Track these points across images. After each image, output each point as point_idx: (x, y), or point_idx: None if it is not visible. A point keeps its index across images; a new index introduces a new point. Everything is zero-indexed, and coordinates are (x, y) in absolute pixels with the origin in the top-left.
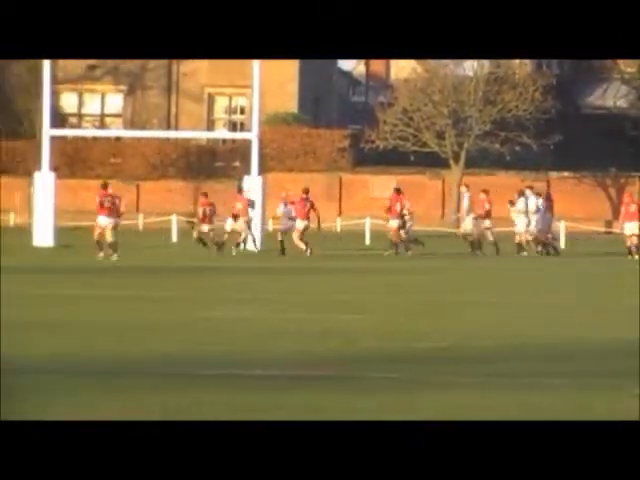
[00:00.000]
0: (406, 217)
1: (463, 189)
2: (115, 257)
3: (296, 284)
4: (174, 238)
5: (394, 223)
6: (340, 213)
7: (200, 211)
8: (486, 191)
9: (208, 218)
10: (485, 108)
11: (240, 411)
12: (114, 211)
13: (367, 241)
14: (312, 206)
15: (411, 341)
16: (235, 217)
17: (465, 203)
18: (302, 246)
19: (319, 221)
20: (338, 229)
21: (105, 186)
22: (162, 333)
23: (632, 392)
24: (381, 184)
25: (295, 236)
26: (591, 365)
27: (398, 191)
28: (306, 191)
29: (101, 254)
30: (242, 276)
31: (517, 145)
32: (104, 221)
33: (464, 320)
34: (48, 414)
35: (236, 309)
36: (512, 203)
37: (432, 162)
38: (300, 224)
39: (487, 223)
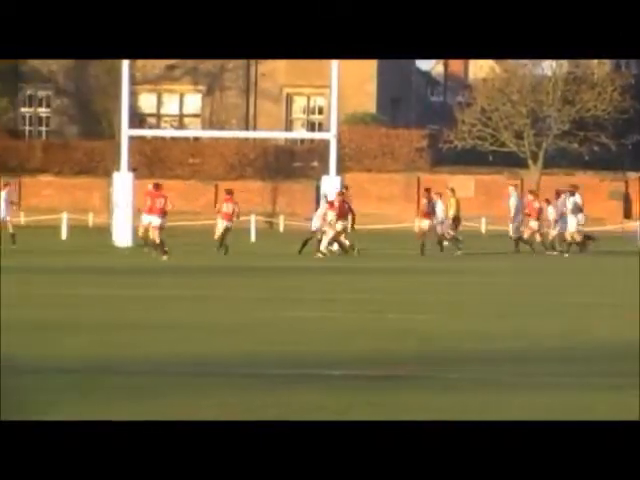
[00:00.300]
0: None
1: (511, 189)
2: (165, 257)
3: (371, 284)
4: (252, 238)
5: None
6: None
7: (223, 207)
8: (533, 192)
9: (231, 216)
10: (564, 108)
11: (320, 411)
12: (164, 211)
13: (445, 241)
14: (350, 207)
15: (486, 341)
16: (339, 217)
17: (512, 203)
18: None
19: (354, 222)
20: (416, 229)
21: (157, 186)
22: (242, 333)
23: None
24: (460, 184)
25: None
26: None
27: (427, 190)
28: (341, 193)
29: (165, 257)
30: (321, 276)
31: (595, 145)
32: (156, 221)
33: (541, 320)
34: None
35: (313, 309)
36: (548, 202)
37: (510, 162)
38: (339, 225)
39: (534, 225)
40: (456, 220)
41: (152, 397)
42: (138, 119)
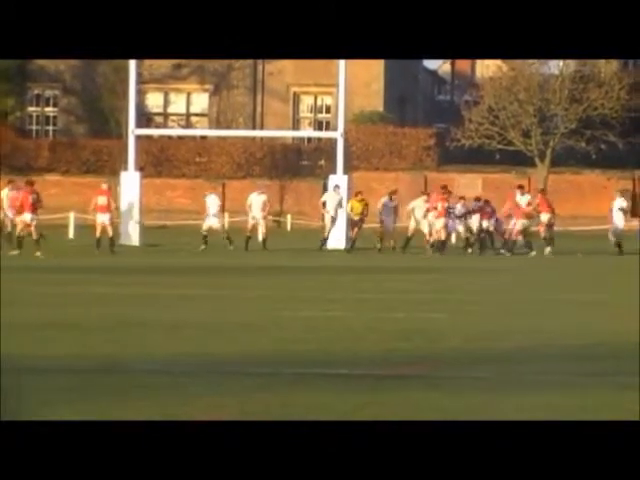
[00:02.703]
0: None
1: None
2: (15, 252)
3: (380, 283)
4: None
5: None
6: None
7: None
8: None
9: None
10: (571, 106)
11: (324, 411)
12: (37, 208)
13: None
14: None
15: (495, 340)
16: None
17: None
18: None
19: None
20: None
21: (31, 183)
22: (249, 332)
23: None
24: (467, 183)
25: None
26: None
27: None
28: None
29: (15, 252)
30: (328, 275)
31: (603, 144)
32: (28, 217)
33: (551, 319)
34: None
35: (322, 308)
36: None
37: (518, 161)
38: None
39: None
40: (359, 223)
41: (159, 396)
42: (145, 118)
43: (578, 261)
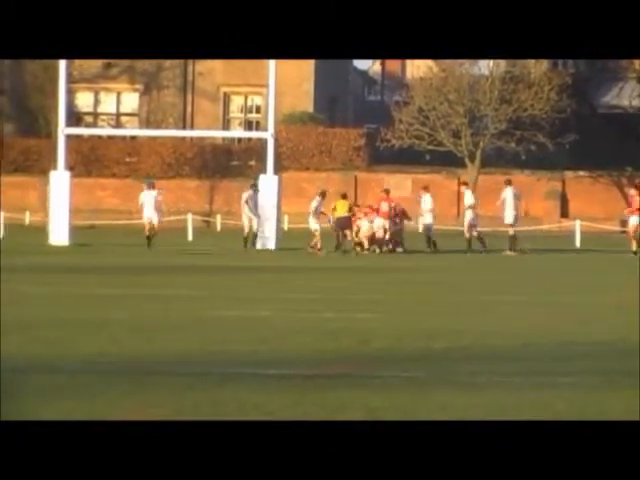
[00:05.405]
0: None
1: (463, 188)
2: None
3: (310, 283)
4: (190, 237)
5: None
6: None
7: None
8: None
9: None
10: (501, 107)
11: (254, 410)
12: None
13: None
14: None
15: (426, 340)
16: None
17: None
18: None
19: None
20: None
21: None
22: (178, 332)
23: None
24: (397, 183)
25: None
26: (606, 364)
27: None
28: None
29: None
30: (257, 275)
31: (532, 144)
32: None
33: (481, 319)
34: (67, 413)
35: (251, 308)
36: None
37: (448, 161)
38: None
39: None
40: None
41: (88, 395)
42: (75, 117)
43: (506, 261)
